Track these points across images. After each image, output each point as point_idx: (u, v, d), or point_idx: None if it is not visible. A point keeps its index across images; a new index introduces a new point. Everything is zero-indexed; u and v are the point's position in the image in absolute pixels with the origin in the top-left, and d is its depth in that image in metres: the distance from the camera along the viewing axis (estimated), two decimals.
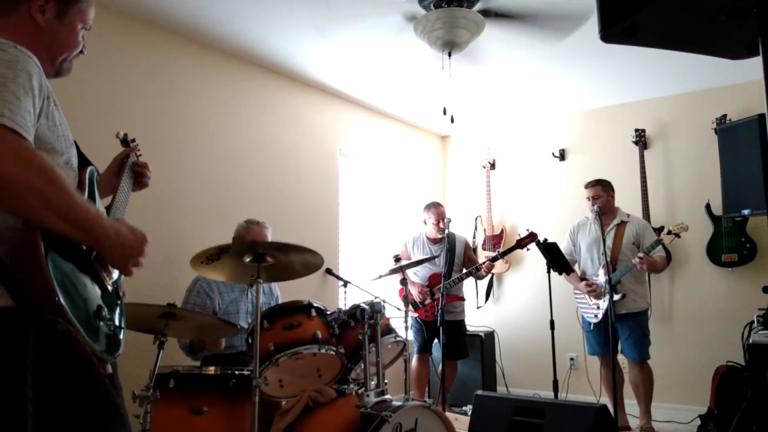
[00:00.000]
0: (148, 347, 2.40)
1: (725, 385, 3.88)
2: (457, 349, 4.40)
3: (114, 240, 1.27)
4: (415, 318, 4.42)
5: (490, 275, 5.61)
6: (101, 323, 1.25)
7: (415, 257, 4.49)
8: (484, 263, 4.35)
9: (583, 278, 4.19)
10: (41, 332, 1.11)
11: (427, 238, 4.56)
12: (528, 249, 4.36)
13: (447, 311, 4.18)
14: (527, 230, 4.38)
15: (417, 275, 4.45)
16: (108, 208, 1.59)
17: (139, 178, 1.81)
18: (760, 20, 0.85)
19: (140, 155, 1.85)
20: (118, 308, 1.37)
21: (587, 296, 4.13)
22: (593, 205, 4.07)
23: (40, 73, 1.22)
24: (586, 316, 4.20)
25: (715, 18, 0.92)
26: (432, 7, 3.22)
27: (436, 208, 4.52)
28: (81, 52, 1.46)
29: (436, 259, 4.32)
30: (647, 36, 0.97)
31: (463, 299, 4.55)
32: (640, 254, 3.88)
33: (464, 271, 4.42)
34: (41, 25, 1.34)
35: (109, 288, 1.34)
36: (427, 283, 4.41)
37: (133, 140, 1.86)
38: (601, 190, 4.11)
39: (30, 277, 1.12)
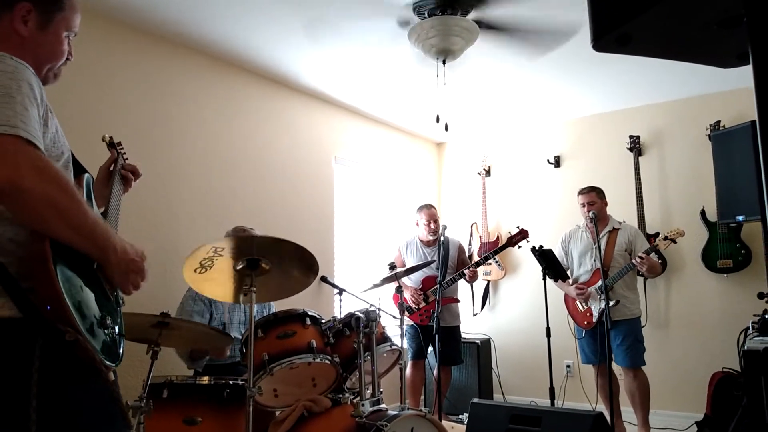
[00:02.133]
0: (141, 357, 2.38)
1: (721, 391, 3.88)
2: (452, 355, 4.39)
3: (119, 253, 1.28)
4: (410, 324, 4.41)
5: (485, 282, 5.62)
6: (105, 331, 1.26)
7: (409, 261, 4.49)
8: (468, 267, 4.34)
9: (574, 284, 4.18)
10: (49, 342, 1.12)
11: (420, 241, 4.56)
12: (519, 247, 4.36)
13: (442, 317, 4.17)
14: (518, 227, 4.38)
15: (410, 279, 4.44)
16: (103, 214, 1.59)
17: (126, 181, 1.82)
18: (751, 30, 0.85)
19: (126, 158, 1.85)
20: (118, 316, 1.38)
21: (577, 301, 4.12)
22: (588, 211, 4.07)
23: (38, 83, 1.23)
24: (576, 324, 4.20)
25: (706, 27, 0.92)
26: (426, 15, 3.22)
27: (427, 209, 4.54)
28: (67, 59, 1.44)
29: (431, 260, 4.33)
30: (639, 45, 0.97)
31: (458, 300, 4.54)
32: (641, 254, 3.86)
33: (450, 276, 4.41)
34: (24, 35, 1.32)
35: (111, 296, 1.35)
36: (420, 287, 4.40)
37: (119, 143, 1.86)
38: (596, 197, 4.12)
39: (39, 287, 1.13)
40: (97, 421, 1.22)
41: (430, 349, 4.43)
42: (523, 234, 4.30)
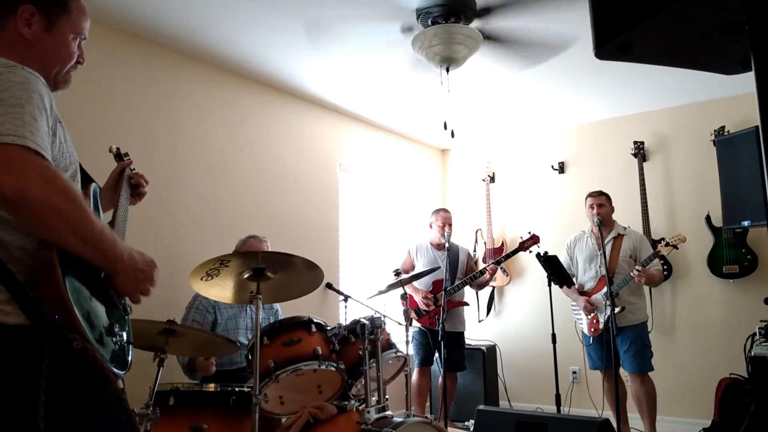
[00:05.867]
0: (147, 364, 2.39)
1: (728, 397, 3.86)
2: (457, 361, 4.39)
3: (127, 263, 1.27)
4: (417, 330, 4.41)
5: (491, 288, 5.61)
6: (113, 339, 1.27)
7: (419, 265, 4.50)
8: (488, 266, 4.37)
9: (581, 292, 4.17)
10: (57, 349, 1.12)
11: (431, 244, 4.57)
12: (530, 251, 4.36)
13: (449, 321, 4.18)
14: (529, 233, 4.38)
15: (420, 281, 4.43)
16: (110, 224, 1.60)
17: (137, 189, 1.83)
18: (753, 37, 0.86)
19: (134, 169, 1.86)
20: (126, 324, 1.38)
21: (582, 311, 4.12)
22: (597, 214, 4.06)
23: (49, 93, 1.23)
24: (584, 329, 4.19)
25: (708, 35, 0.93)
26: (430, 24, 3.24)
27: (444, 212, 4.60)
28: (78, 62, 1.43)
29: (440, 265, 4.34)
30: (641, 53, 0.98)
31: (467, 304, 4.56)
32: (638, 267, 3.86)
33: (465, 280, 4.42)
34: (29, 38, 1.31)
35: (119, 304, 1.35)
36: (431, 289, 4.40)
37: (126, 154, 1.87)
38: (606, 201, 4.13)
39: (47, 296, 1.14)
40: (105, 429, 1.22)
41: (436, 355, 4.43)
42: (534, 239, 4.32)
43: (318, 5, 3.15)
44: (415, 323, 4.36)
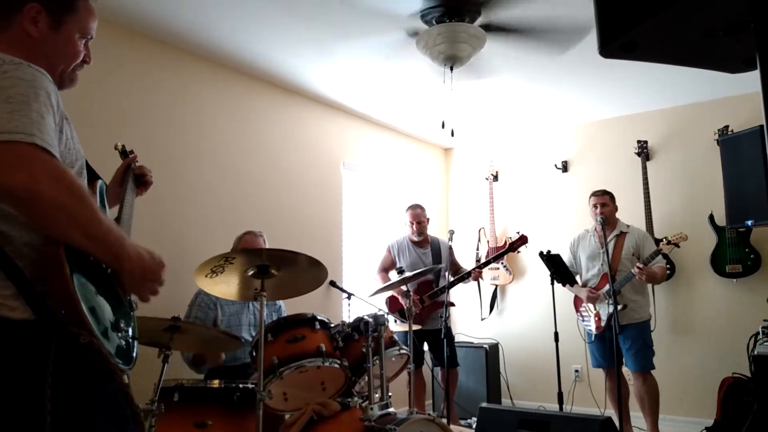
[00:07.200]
0: (152, 361, 2.40)
1: (731, 397, 3.86)
2: (443, 357, 4.38)
3: (134, 261, 1.27)
4: (404, 333, 4.39)
5: (494, 286, 5.62)
6: (119, 335, 1.27)
7: (400, 262, 4.49)
8: (473, 269, 4.35)
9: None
10: (63, 344, 1.13)
11: (411, 241, 4.56)
12: (519, 252, 4.37)
13: (434, 318, 4.20)
14: (518, 233, 4.40)
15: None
16: (116, 220, 1.61)
17: (143, 179, 1.86)
18: (758, 36, 0.86)
19: (138, 164, 1.88)
20: (131, 320, 1.39)
21: (587, 305, 4.12)
22: (600, 213, 4.06)
23: (55, 90, 1.23)
24: (586, 327, 4.19)
25: (713, 33, 0.93)
26: (434, 23, 3.24)
27: (413, 209, 4.57)
28: (85, 62, 1.43)
29: (422, 264, 4.33)
30: (646, 51, 0.98)
31: (452, 304, 4.54)
32: (639, 265, 3.86)
33: (450, 278, 4.40)
34: (35, 36, 1.31)
35: (124, 301, 1.36)
36: (415, 289, 4.39)
37: (131, 151, 1.89)
38: (609, 200, 4.14)
39: (54, 291, 1.14)
40: (110, 424, 1.23)
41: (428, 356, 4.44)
42: (522, 240, 4.34)
43: (322, 4, 3.15)
44: (402, 326, 4.35)
